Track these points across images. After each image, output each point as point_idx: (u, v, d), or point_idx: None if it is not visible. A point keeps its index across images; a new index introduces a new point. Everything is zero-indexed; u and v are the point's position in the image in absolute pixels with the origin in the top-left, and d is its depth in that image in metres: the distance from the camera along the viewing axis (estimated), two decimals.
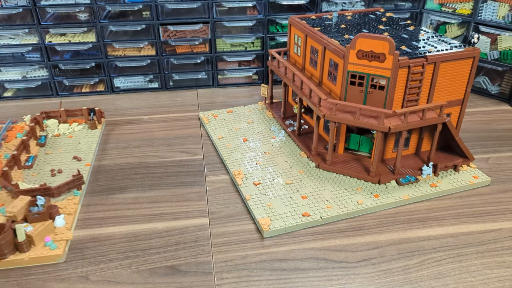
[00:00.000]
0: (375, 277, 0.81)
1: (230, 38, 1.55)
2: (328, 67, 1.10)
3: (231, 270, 0.82)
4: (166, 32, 1.51)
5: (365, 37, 0.95)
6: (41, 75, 1.52)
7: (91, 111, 1.31)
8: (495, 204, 1.00)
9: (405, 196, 1.00)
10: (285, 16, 1.54)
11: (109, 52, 1.52)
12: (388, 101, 0.99)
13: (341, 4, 1.57)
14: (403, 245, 0.88)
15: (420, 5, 1.59)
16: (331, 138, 1.06)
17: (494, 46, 1.46)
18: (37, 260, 0.84)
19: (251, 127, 1.31)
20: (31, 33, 1.46)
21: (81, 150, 1.19)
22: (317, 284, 0.79)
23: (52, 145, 1.21)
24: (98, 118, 1.32)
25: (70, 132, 1.27)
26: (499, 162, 1.15)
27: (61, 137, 1.25)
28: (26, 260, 0.83)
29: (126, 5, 1.44)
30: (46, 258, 0.84)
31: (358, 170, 1.06)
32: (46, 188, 0.96)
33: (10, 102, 1.51)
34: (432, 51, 1.01)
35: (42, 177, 1.08)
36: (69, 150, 1.19)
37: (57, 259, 0.84)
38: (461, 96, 1.08)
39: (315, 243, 0.89)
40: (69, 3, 1.42)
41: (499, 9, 1.41)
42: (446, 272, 0.82)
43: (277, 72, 1.30)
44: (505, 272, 0.82)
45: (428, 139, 1.11)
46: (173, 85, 1.61)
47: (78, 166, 1.12)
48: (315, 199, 0.99)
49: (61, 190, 0.99)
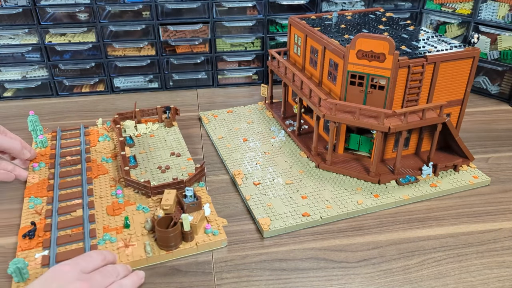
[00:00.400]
0: (375, 277, 0.81)
1: (230, 38, 1.55)
2: (328, 67, 1.10)
3: (231, 270, 0.82)
4: (166, 32, 1.51)
5: (365, 37, 0.95)
6: (41, 75, 1.52)
7: (167, 109, 1.31)
8: (495, 204, 1.00)
9: (405, 196, 1.00)
10: (285, 16, 1.54)
11: (109, 52, 1.52)
12: (388, 101, 0.99)
13: (341, 4, 1.57)
14: (403, 245, 0.88)
15: (420, 5, 1.59)
16: (331, 138, 1.06)
17: (494, 46, 1.46)
18: (206, 247, 0.87)
19: (251, 127, 1.31)
20: (31, 33, 1.46)
21: (172, 147, 1.20)
22: (317, 284, 0.79)
23: (141, 145, 1.22)
24: (173, 116, 1.32)
25: (150, 132, 1.28)
26: (499, 162, 1.15)
27: (142, 137, 1.26)
28: (194, 248, 0.86)
29: (126, 5, 1.44)
30: (214, 244, 0.87)
31: (358, 170, 1.06)
32: (179, 181, 0.99)
33: (10, 102, 1.51)
34: (432, 51, 1.01)
35: (153, 174, 1.09)
36: (161, 147, 1.20)
37: (222, 243, 0.87)
38: (461, 96, 1.08)
39: (315, 243, 0.89)
40: (69, 3, 1.42)
41: (499, 9, 1.41)
42: (446, 272, 0.82)
43: (277, 72, 1.30)
44: (505, 272, 0.82)
45: (428, 139, 1.11)
46: (173, 85, 1.61)
47: (181, 161, 1.13)
48: (315, 199, 0.99)
49: (191, 182, 1.02)
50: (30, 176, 1.07)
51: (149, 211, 0.95)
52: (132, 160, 1.12)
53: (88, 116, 1.40)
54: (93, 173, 1.08)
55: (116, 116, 1.27)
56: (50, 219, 0.92)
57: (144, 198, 0.99)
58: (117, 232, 0.89)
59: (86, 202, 0.97)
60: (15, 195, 1.02)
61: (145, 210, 0.95)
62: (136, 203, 0.97)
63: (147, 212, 0.95)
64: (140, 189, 0.99)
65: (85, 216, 0.92)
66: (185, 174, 1.08)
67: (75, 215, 0.93)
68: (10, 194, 1.03)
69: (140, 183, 0.99)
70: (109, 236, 0.87)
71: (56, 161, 1.12)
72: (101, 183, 1.05)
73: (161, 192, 0.98)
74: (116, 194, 1.00)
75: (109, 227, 0.90)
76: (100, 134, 1.26)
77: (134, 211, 0.95)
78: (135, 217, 0.93)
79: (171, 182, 0.99)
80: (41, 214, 0.94)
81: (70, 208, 0.95)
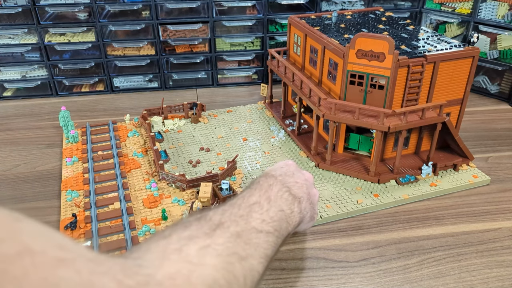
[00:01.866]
0: (375, 277, 0.81)
1: (230, 37, 1.55)
2: (327, 66, 1.10)
3: None
4: (165, 32, 1.51)
5: (365, 36, 0.95)
6: (40, 74, 1.52)
7: (194, 106, 1.33)
8: (494, 204, 1.00)
9: (404, 196, 1.00)
10: (284, 15, 1.54)
11: (109, 52, 1.52)
12: (388, 100, 0.99)
13: (341, 4, 1.57)
14: (403, 244, 0.88)
15: (419, 4, 1.59)
16: (331, 137, 1.06)
17: (494, 46, 1.46)
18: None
19: (250, 126, 1.31)
20: (31, 33, 1.46)
21: (200, 142, 1.22)
22: (316, 284, 0.79)
23: (170, 140, 1.23)
24: (199, 112, 1.33)
25: (177, 127, 1.30)
26: (499, 162, 1.15)
27: (170, 132, 1.27)
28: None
29: (125, 4, 1.44)
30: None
31: (357, 170, 1.06)
32: (213, 175, 1.01)
33: (9, 102, 1.51)
34: (431, 50, 1.01)
35: (185, 168, 1.10)
36: (190, 143, 1.22)
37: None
38: (461, 95, 1.08)
39: (315, 242, 0.89)
40: (68, 3, 1.42)
41: (498, 9, 1.41)
42: (445, 271, 0.82)
43: (276, 72, 1.30)
44: (504, 271, 0.82)
45: (427, 139, 1.11)
46: (172, 84, 1.61)
47: (210, 156, 1.15)
48: None
49: (224, 176, 1.04)
50: (64, 170, 1.09)
51: (184, 204, 0.97)
52: (163, 155, 1.14)
53: (88, 116, 1.40)
54: (126, 167, 1.10)
55: (145, 112, 1.29)
56: (89, 211, 0.94)
57: (178, 191, 1.01)
58: (155, 224, 0.91)
59: (123, 195, 0.98)
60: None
61: (180, 203, 0.97)
62: (171, 196, 0.99)
63: (182, 205, 0.96)
64: (175, 182, 1.01)
65: (123, 208, 0.95)
66: (216, 168, 1.10)
67: (113, 207, 0.96)
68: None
69: (175, 177, 1.01)
70: (148, 228, 0.89)
71: (89, 156, 1.14)
72: (134, 177, 1.07)
73: (195, 185, 1.00)
74: (150, 187, 1.02)
75: (147, 219, 0.93)
76: (129, 129, 1.28)
77: (170, 203, 0.97)
78: (172, 209, 0.96)
79: (206, 175, 1.02)
80: (79, 206, 0.96)
81: (107, 201, 0.98)
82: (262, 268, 0.50)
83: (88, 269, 0.30)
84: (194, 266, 0.40)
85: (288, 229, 0.60)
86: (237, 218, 0.51)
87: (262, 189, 0.60)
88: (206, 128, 1.30)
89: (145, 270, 0.36)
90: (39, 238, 0.29)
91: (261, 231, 0.52)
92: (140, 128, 1.29)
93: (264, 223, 0.53)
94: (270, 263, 0.54)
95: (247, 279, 0.46)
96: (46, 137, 1.27)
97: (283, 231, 0.58)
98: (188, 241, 0.42)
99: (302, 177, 0.71)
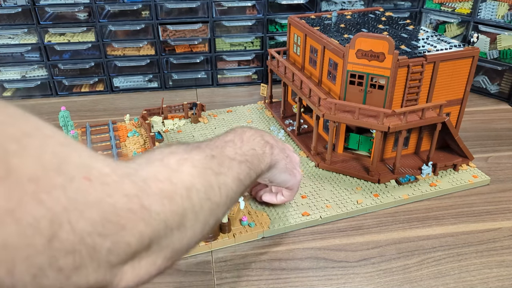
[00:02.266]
0: (375, 277, 0.81)
1: (230, 37, 1.55)
2: (327, 66, 1.10)
3: (230, 269, 0.82)
4: (165, 32, 1.51)
5: (365, 36, 0.95)
6: (40, 74, 1.52)
7: (194, 106, 1.33)
8: (494, 204, 1.00)
9: (404, 196, 1.00)
10: (284, 15, 1.54)
11: (109, 52, 1.52)
12: (388, 100, 0.99)
13: (341, 4, 1.57)
14: (403, 244, 0.88)
15: (419, 4, 1.59)
16: (331, 137, 1.06)
17: (494, 46, 1.46)
18: (242, 238, 0.88)
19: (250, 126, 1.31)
20: (30, 33, 1.46)
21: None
22: (316, 284, 0.79)
23: (170, 140, 1.24)
24: (198, 112, 1.33)
25: (177, 127, 1.30)
26: (499, 162, 1.15)
27: (170, 132, 1.27)
28: (232, 240, 0.87)
29: (125, 4, 1.44)
30: (251, 235, 0.89)
31: (357, 170, 1.06)
32: None
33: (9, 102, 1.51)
34: (431, 50, 1.01)
35: None
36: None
37: (258, 235, 0.90)
38: (461, 95, 1.08)
39: (315, 242, 0.89)
40: (68, 3, 1.42)
41: (498, 8, 1.41)
42: (445, 271, 0.82)
43: (276, 72, 1.30)
44: (504, 271, 0.82)
45: (427, 139, 1.11)
46: (172, 84, 1.61)
47: None
48: (315, 199, 0.99)
49: None
50: None
51: None
52: None
53: (88, 116, 1.40)
54: None
55: (144, 112, 1.29)
56: None
57: None
58: None
59: None
60: None
61: None
62: None
63: None
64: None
65: None
66: None
67: None
68: None
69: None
70: None
71: None
72: None
73: None
74: None
75: None
76: (129, 129, 1.28)
77: None
78: None
79: None
80: None
81: None
82: (236, 187, 0.54)
83: (88, 155, 0.35)
84: (174, 172, 0.44)
85: (260, 166, 0.64)
86: (213, 147, 0.55)
87: (236, 131, 0.64)
88: (206, 128, 1.30)
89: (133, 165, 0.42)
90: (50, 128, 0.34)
91: (234, 159, 0.56)
92: (140, 128, 1.29)
93: (237, 155, 0.58)
94: (243, 190, 0.57)
95: (222, 190, 0.50)
96: None
97: (255, 166, 0.62)
98: (169, 154, 0.47)
99: (281, 143, 0.77)
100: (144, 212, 0.37)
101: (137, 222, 0.36)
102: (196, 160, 0.49)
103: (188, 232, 0.44)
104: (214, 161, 0.51)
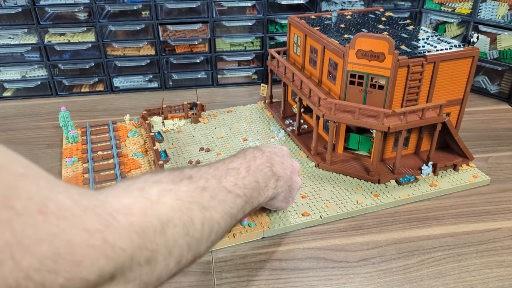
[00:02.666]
0: (375, 277, 0.81)
1: (230, 37, 1.55)
2: (327, 66, 1.10)
3: (230, 269, 0.82)
4: (165, 32, 1.51)
5: (365, 36, 0.95)
6: (40, 75, 1.52)
7: (194, 106, 1.33)
8: (494, 204, 1.00)
9: (404, 196, 1.00)
10: (284, 15, 1.54)
11: (109, 52, 1.52)
12: (388, 100, 0.99)
13: (341, 4, 1.57)
14: (403, 244, 0.88)
15: (419, 4, 1.59)
16: (331, 137, 1.06)
17: (494, 46, 1.46)
18: (243, 238, 0.89)
19: (250, 126, 1.31)
20: (30, 33, 1.46)
21: (200, 142, 1.22)
22: (316, 284, 0.79)
23: (170, 140, 1.24)
24: (198, 112, 1.33)
25: (177, 128, 1.30)
26: (499, 162, 1.15)
27: (170, 132, 1.27)
28: (232, 240, 0.88)
29: (125, 4, 1.44)
30: (251, 236, 0.89)
31: (357, 170, 1.06)
32: None
33: (9, 102, 1.51)
34: (431, 50, 1.01)
35: None
36: (190, 143, 1.22)
37: (258, 235, 0.90)
38: (461, 95, 1.08)
39: (315, 242, 0.89)
40: (68, 3, 1.42)
41: (498, 9, 1.41)
42: (445, 271, 0.82)
43: (276, 72, 1.30)
44: (504, 271, 0.82)
45: (427, 139, 1.11)
46: (172, 84, 1.61)
47: (210, 156, 1.16)
48: (315, 199, 0.99)
49: None
50: (64, 170, 1.09)
51: None
52: (163, 155, 1.14)
53: (88, 116, 1.40)
54: (125, 167, 1.10)
55: (145, 112, 1.29)
56: None
57: None
58: None
59: None
60: None
61: None
62: None
63: None
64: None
65: None
66: None
67: None
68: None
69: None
70: None
71: (89, 156, 1.14)
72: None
73: None
74: None
75: None
76: (129, 129, 1.28)
77: None
78: None
79: None
80: None
81: None
82: (224, 223, 0.52)
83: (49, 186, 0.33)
84: (152, 203, 0.42)
85: (258, 199, 0.62)
86: (209, 177, 0.53)
87: (245, 158, 0.62)
88: (206, 128, 1.30)
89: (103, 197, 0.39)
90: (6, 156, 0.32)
91: (230, 191, 0.54)
92: (140, 128, 1.30)
93: (236, 187, 0.55)
94: (234, 223, 0.56)
95: (205, 226, 0.47)
96: (46, 137, 1.27)
97: (253, 200, 0.60)
98: (152, 184, 0.45)
99: (290, 162, 0.74)
100: (107, 247, 0.35)
101: (97, 258, 0.34)
102: (182, 192, 0.47)
103: (159, 266, 0.42)
104: (205, 194, 0.49)
